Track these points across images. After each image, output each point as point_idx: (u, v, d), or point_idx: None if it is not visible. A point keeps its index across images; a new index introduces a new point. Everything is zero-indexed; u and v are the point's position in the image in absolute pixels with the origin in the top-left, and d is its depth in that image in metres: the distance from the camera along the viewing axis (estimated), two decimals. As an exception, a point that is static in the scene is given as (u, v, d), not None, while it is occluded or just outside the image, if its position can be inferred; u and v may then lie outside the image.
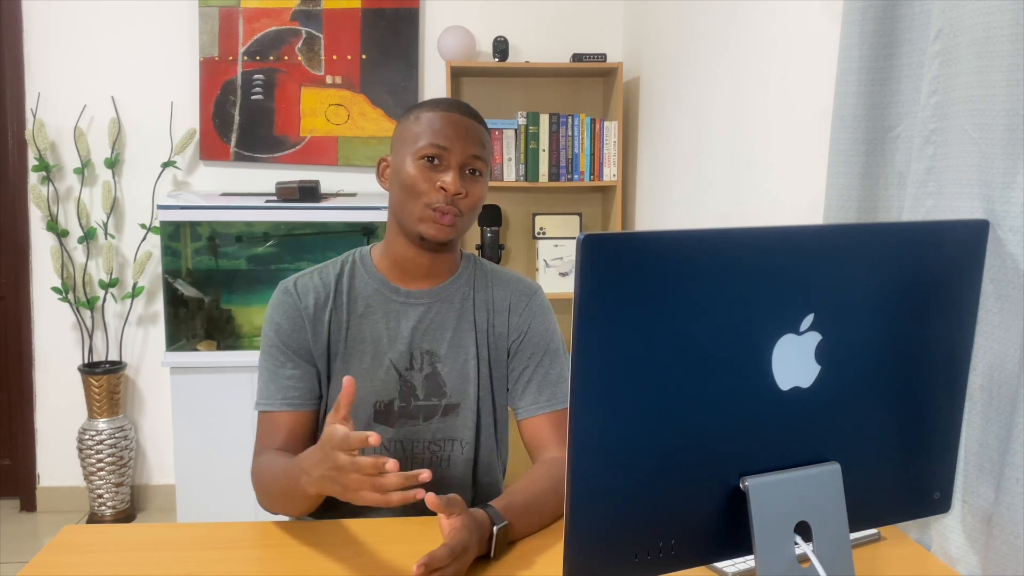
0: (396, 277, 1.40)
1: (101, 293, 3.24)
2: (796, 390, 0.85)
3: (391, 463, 1.02)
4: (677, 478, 0.81)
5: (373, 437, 1.02)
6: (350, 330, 1.38)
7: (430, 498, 1.06)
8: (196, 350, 2.99)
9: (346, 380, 1.09)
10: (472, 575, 1.11)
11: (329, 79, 3.30)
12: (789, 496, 0.85)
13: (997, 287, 1.12)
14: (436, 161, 1.32)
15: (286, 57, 3.28)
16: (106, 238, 3.23)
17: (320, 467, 1.08)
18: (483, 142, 1.36)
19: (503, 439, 1.49)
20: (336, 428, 1.06)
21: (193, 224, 3.00)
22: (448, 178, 1.30)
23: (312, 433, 1.39)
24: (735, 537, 0.84)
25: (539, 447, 1.39)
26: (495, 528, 1.13)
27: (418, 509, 1.37)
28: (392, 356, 1.38)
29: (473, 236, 3.34)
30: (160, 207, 2.96)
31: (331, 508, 1.25)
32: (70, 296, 3.19)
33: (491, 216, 3.22)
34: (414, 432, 1.38)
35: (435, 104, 1.37)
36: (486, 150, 1.36)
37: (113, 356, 3.31)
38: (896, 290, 0.88)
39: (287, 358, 1.36)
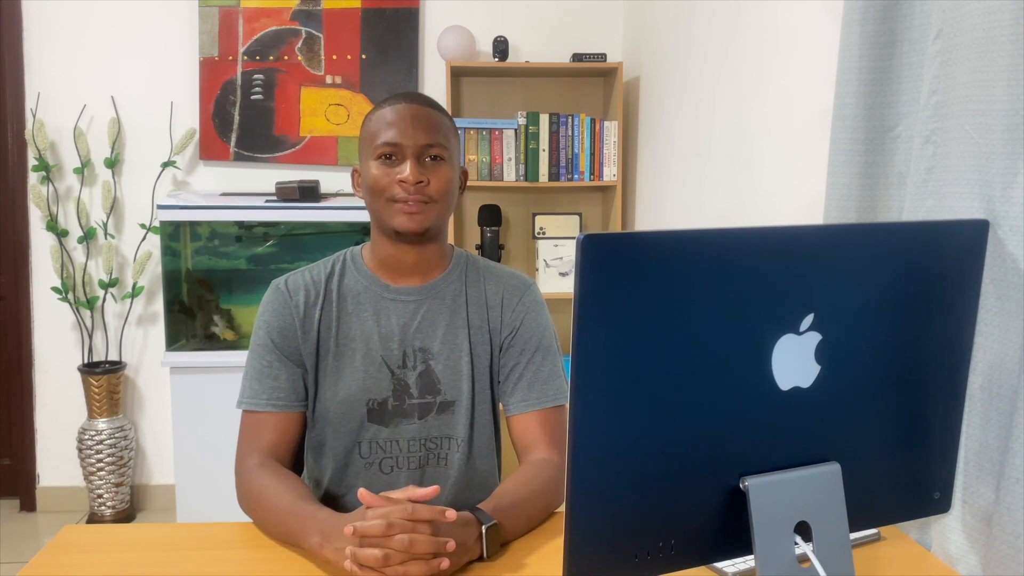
0: (386, 275, 1.40)
1: (101, 293, 3.24)
2: (796, 390, 0.85)
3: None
4: (677, 478, 0.81)
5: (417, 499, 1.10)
6: (340, 328, 1.38)
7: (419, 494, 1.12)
8: (199, 349, 2.98)
9: (361, 493, 1.12)
10: (469, 575, 1.11)
11: (329, 79, 3.30)
12: (789, 496, 0.85)
13: (997, 287, 1.12)
14: (392, 157, 1.33)
15: (286, 57, 3.27)
16: (106, 238, 3.23)
17: (340, 552, 1.08)
18: (436, 127, 1.35)
19: (500, 435, 1.49)
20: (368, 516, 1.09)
21: (193, 224, 3.00)
22: (406, 170, 1.31)
23: (298, 436, 1.39)
24: (735, 537, 0.84)
25: (527, 446, 1.38)
26: (484, 527, 1.13)
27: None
28: (384, 354, 1.37)
29: (473, 236, 3.35)
30: (160, 207, 2.96)
31: (330, 507, 1.24)
32: (70, 296, 3.19)
33: (491, 216, 3.22)
34: (409, 430, 1.38)
35: (385, 101, 1.38)
36: (441, 134, 1.35)
37: (113, 356, 3.31)
38: (896, 290, 0.88)
39: (275, 357, 1.37)
